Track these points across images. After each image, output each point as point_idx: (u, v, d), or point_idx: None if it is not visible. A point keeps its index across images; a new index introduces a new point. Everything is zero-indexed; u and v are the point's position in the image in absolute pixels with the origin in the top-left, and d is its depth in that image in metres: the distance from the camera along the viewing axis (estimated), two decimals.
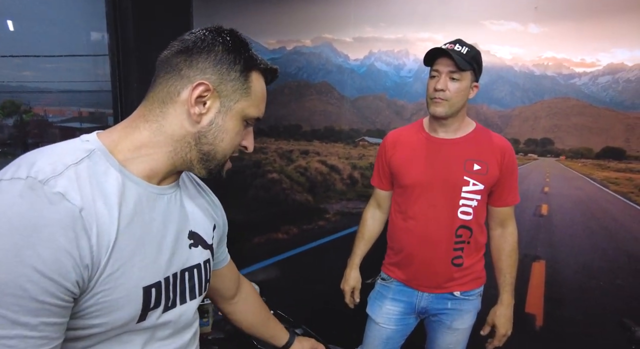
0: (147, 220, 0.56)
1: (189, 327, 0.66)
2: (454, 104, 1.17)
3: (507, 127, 1.80)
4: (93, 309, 0.49)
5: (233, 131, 0.61)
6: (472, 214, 1.19)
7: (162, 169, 0.60)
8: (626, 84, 1.59)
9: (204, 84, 0.57)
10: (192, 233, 0.65)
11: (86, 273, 0.46)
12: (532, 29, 1.68)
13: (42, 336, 0.43)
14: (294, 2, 2.04)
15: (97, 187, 0.50)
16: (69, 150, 0.52)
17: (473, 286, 1.27)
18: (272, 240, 2.32)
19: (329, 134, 2.10)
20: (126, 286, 0.51)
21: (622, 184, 1.66)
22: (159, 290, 0.56)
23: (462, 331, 1.30)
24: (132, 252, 0.52)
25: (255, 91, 0.62)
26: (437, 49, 1.16)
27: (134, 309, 0.53)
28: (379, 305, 1.35)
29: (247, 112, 0.62)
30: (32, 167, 0.46)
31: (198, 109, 0.58)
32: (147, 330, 0.57)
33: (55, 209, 0.44)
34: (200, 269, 0.66)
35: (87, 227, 0.46)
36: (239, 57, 0.59)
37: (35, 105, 1.99)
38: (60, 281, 0.43)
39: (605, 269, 1.71)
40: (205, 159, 0.61)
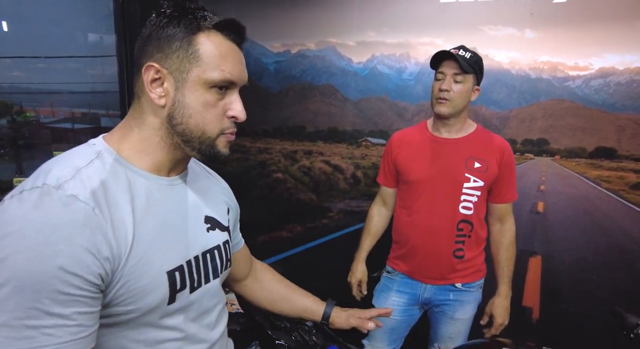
0: (162, 210, 0.60)
1: (217, 302, 0.71)
2: (457, 104, 1.24)
3: (505, 128, 1.87)
4: (125, 296, 0.53)
5: (197, 102, 0.58)
6: (472, 209, 1.26)
7: (164, 160, 0.61)
8: (617, 87, 1.67)
9: (151, 65, 0.56)
10: (207, 218, 0.69)
11: (108, 266, 0.50)
12: (528, 34, 1.76)
13: (77, 324, 0.48)
14: (299, 7, 2.10)
15: (108, 186, 0.54)
16: (79, 155, 0.56)
17: (474, 279, 1.34)
18: (276, 238, 2.38)
19: (333, 135, 2.17)
20: (151, 272, 0.55)
21: (614, 182, 1.74)
22: (183, 273, 0.60)
23: (464, 321, 1.37)
24: (152, 242, 0.56)
25: (207, 52, 0.57)
26: (443, 52, 1.23)
27: (162, 292, 0.57)
28: (384, 297, 1.42)
29: (207, 77, 0.57)
30: (48, 175, 0.51)
31: (158, 92, 0.57)
32: (179, 311, 0.62)
33: (69, 210, 0.48)
34: (220, 250, 0.70)
35: (101, 223, 0.50)
36: (177, 25, 0.56)
37: (29, 106, 2.00)
38: (82, 275, 0.48)
39: (598, 263, 1.79)
40: (187, 139, 0.60)
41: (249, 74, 1.76)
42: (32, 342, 0.45)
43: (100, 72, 2.30)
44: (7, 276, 0.45)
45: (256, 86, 2.28)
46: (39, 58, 2.01)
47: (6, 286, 0.44)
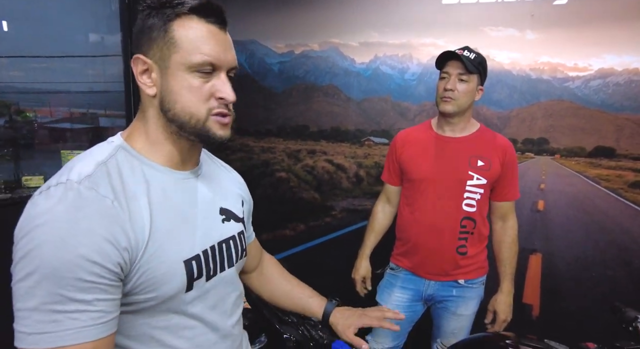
0: (178, 203, 0.62)
1: (232, 291, 0.74)
2: (462, 103, 1.27)
3: (506, 127, 1.90)
4: (145, 285, 0.56)
5: (180, 87, 0.58)
6: (475, 207, 1.29)
7: (173, 152, 0.63)
8: (616, 88, 1.70)
9: (137, 57, 0.59)
10: (222, 209, 0.71)
11: (127, 255, 0.53)
12: (528, 35, 1.79)
13: (98, 310, 0.50)
14: (303, 7, 2.13)
15: (126, 180, 0.57)
16: (99, 151, 0.59)
17: (476, 275, 1.37)
18: (280, 237, 2.40)
19: (336, 135, 2.20)
20: (168, 262, 0.58)
21: (613, 180, 1.77)
22: (199, 262, 0.63)
23: (466, 317, 1.40)
24: (168, 233, 0.58)
25: (183, 37, 0.58)
26: (448, 52, 1.26)
27: (179, 280, 0.59)
28: (388, 293, 1.45)
29: (187, 62, 0.58)
30: (71, 171, 0.54)
31: (147, 83, 0.60)
32: (197, 299, 0.64)
33: (89, 203, 0.51)
34: (235, 240, 0.72)
35: (120, 215, 0.53)
36: (155, 16, 0.58)
37: (27, 106, 2.00)
38: (102, 263, 0.50)
39: (597, 260, 1.82)
40: (179, 125, 0.60)
41: (253, 74, 1.82)
42: (59, 325, 0.48)
43: (102, 72, 2.32)
44: (36, 265, 0.48)
45: (260, 86, 2.30)
46: (39, 58, 2.02)
47: (35, 274, 0.48)
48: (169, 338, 0.61)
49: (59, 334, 0.48)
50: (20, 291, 0.49)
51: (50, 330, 0.48)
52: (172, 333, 0.62)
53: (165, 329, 0.61)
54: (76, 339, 0.49)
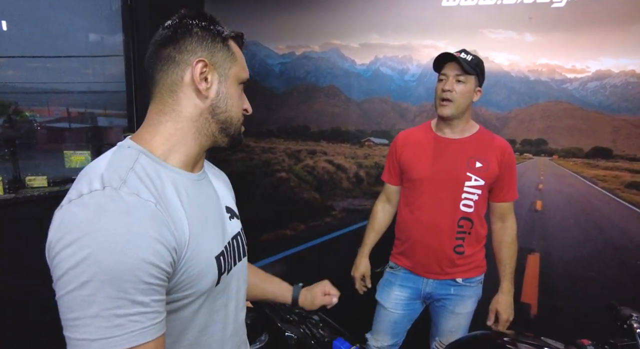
0: (199, 203, 0.65)
1: (244, 283, 0.78)
2: (460, 105, 1.29)
3: (505, 128, 1.93)
4: (185, 282, 0.58)
5: (236, 94, 0.68)
6: (473, 207, 1.31)
7: (193, 154, 0.66)
8: (613, 89, 1.72)
9: (201, 60, 0.63)
10: (227, 208, 0.76)
11: (175, 254, 0.55)
12: (527, 37, 1.81)
13: (154, 311, 0.52)
14: (304, 9, 2.15)
15: (157, 184, 0.58)
16: (120, 158, 0.59)
17: (474, 274, 1.39)
18: (281, 236, 2.42)
19: (336, 135, 2.22)
20: (204, 259, 0.61)
21: (610, 181, 1.79)
22: (225, 257, 0.67)
23: (464, 315, 1.42)
24: (201, 231, 0.61)
25: (238, 55, 0.69)
26: (445, 54, 1.29)
27: (212, 276, 0.63)
28: (387, 291, 1.47)
29: (240, 75, 0.69)
30: (102, 179, 0.54)
31: (204, 84, 0.64)
32: (222, 292, 0.68)
33: (136, 208, 0.52)
34: (241, 235, 0.78)
35: (164, 217, 0.55)
36: (215, 30, 0.66)
37: (25, 106, 1.99)
38: (158, 264, 0.52)
39: (595, 260, 1.84)
40: (225, 127, 0.68)
41: (254, 75, 1.87)
42: (123, 329, 0.49)
43: (101, 72, 2.33)
44: (93, 272, 0.48)
45: (261, 87, 2.32)
46: (38, 58, 2.03)
47: (93, 281, 0.48)
48: (198, 335, 0.64)
49: (124, 337, 0.49)
50: (77, 300, 0.49)
51: (115, 334, 0.49)
52: (201, 330, 0.65)
53: (196, 327, 0.64)
54: (139, 339, 0.50)
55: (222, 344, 0.70)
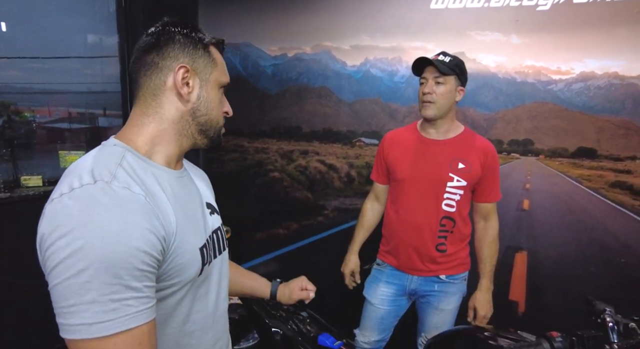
0: (182, 198, 0.68)
1: (225, 275, 0.82)
2: (441, 105, 1.33)
3: (492, 129, 1.96)
4: (172, 271, 0.62)
5: (216, 98, 0.72)
6: (455, 207, 1.35)
7: (175, 153, 0.71)
8: (596, 91, 1.76)
9: (183, 66, 0.67)
10: (207, 203, 0.79)
11: (164, 243, 0.59)
12: (513, 39, 1.84)
13: (146, 296, 0.56)
14: (296, 11, 2.18)
15: (143, 179, 0.61)
16: (107, 155, 0.62)
17: (457, 271, 1.43)
18: (273, 235, 2.46)
19: (328, 135, 2.25)
20: (189, 250, 0.65)
21: (594, 180, 1.83)
22: (207, 249, 0.71)
23: (448, 311, 1.45)
24: (185, 224, 0.65)
25: (218, 61, 0.73)
26: (420, 58, 1.32)
27: (196, 266, 0.67)
28: (374, 288, 1.50)
29: (220, 80, 0.73)
30: (93, 173, 0.57)
31: (186, 89, 0.68)
32: (203, 283, 0.71)
33: (128, 200, 0.56)
34: (221, 230, 0.82)
35: (153, 209, 0.58)
36: (196, 37, 0.69)
37: (25, 106, 2.01)
38: (150, 252, 0.56)
39: (580, 258, 1.87)
40: (204, 129, 0.72)
41: (247, 77, 1.93)
42: (118, 313, 0.52)
43: (100, 73, 2.36)
44: (90, 261, 0.51)
45: (254, 88, 2.36)
46: (37, 58, 2.06)
47: (89, 269, 0.51)
48: (181, 323, 0.68)
49: (120, 320, 0.52)
50: (73, 288, 0.51)
51: (111, 318, 0.52)
52: (184, 319, 0.68)
53: (179, 315, 0.67)
54: (134, 322, 0.54)
55: (204, 333, 0.74)
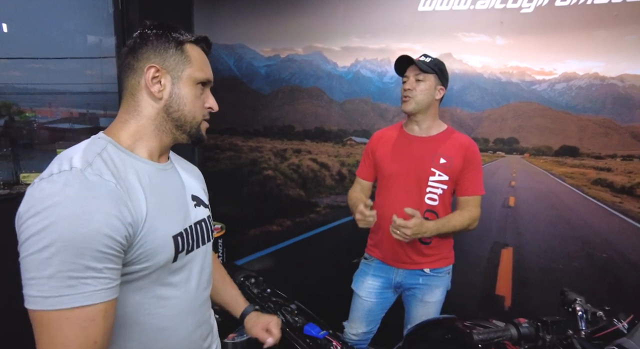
0: (162, 189, 0.73)
1: (207, 265, 0.86)
2: (420, 101, 1.39)
3: (478, 127, 2.02)
4: (142, 256, 0.66)
5: (190, 94, 0.75)
6: (437, 201, 1.40)
7: (156, 147, 0.75)
8: (578, 91, 1.81)
9: (152, 66, 0.72)
10: (193, 196, 0.83)
11: (130, 229, 0.63)
12: (498, 41, 1.90)
13: (106, 277, 0.60)
14: (288, 14, 2.24)
15: (120, 169, 0.66)
16: (91, 146, 0.68)
17: (441, 265, 1.48)
18: (267, 232, 2.51)
19: (319, 134, 2.30)
20: (160, 236, 0.69)
21: (577, 178, 1.88)
22: (183, 238, 0.74)
23: (433, 304, 1.50)
24: (158, 212, 0.69)
25: (195, 58, 0.75)
26: (402, 57, 1.38)
27: (169, 252, 0.70)
28: (362, 281, 1.55)
29: (195, 76, 0.75)
30: (72, 161, 0.62)
31: (157, 87, 0.72)
32: (179, 270, 0.75)
33: (97, 186, 0.60)
34: (206, 222, 0.85)
35: (122, 196, 0.62)
36: (169, 37, 0.73)
37: (27, 106, 2.04)
38: (113, 236, 0.59)
39: (564, 253, 1.93)
40: (180, 124, 0.76)
41: (241, 77, 2.02)
42: (75, 289, 0.57)
43: (99, 73, 2.40)
44: (53, 239, 0.56)
45: (248, 88, 2.41)
46: (38, 59, 2.11)
47: (52, 247, 0.55)
48: (156, 306, 0.72)
49: (75, 296, 0.57)
50: (35, 262, 0.56)
51: (66, 293, 0.57)
52: (159, 302, 0.73)
53: (154, 298, 0.72)
54: (89, 300, 0.58)
55: (184, 317, 0.77)
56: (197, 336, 0.82)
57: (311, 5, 2.18)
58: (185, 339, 0.78)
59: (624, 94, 1.74)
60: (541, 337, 0.97)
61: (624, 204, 1.80)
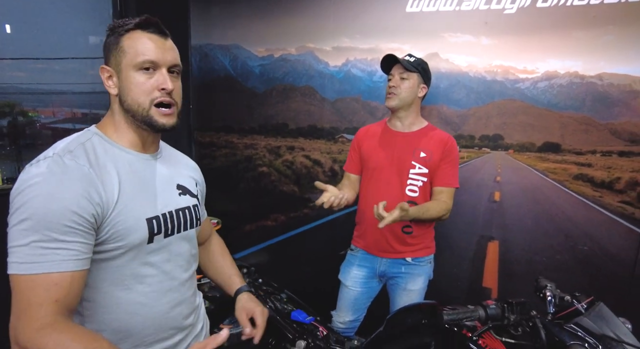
0: (141, 176, 0.81)
1: (187, 249, 0.91)
2: (403, 97, 1.46)
3: (464, 125, 2.08)
4: (115, 235, 0.74)
5: (133, 81, 0.77)
6: (418, 192, 1.47)
7: (136, 138, 0.82)
8: (560, 89, 1.88)
9: (102, 67, 0.81)
10: (179, 185, 0.90)
11: (99, 209, 0.71)
12: (483, 41, 1.97)
13: (75, 249, 0.68)
14: (281, 15, 2.31)
15: (99, 155, 0.76)
16: (79, 136, 0.78)
17: (423, 254, 1.55)
18: (262, 227, 2.58)
19: (312, 132, 2.38)
20: (133, 218, 0.76)
21: (559, 173, 1.94)
22: (159, 221, 0.81)
23: (415, 292, 1.57)
24: (134, 196, 0.77)
25: (130, 45, 0.77)
26: (388, 56, 1.46)
27: (142, 233, 0.77)
28: (348, 271, 1.63)
29: (132, 62, 0.76)
30: (57, 148, 0.73)
31: (111, 85, 0.80)
32: (157, 251, 0.81)
33: (71, 169, 0.70)
34: (190, 210, 0.91)
35: (93, 179, 0.71)
36: (111, 35, 0.79)
37: (30, 106, 2.12)
38: (80, 213, 0.68)
39: (547, 246, 1.99)
40: (132, 113, 0.79)
41: (236, 76, 2.09)
42: (45, 258, 0.66)
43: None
44: (29, 213, 0.66)
45: (243, 87, 2.49)
46: (41, 59, 2.18)
47: (28, 220, 0.66)
48: (133, 282, 0.80)
49: (44, 264, 0.66)
50: (15, 234, 0.66)
51: (37, 261, 0.66)
52: (136, 279, 0.80)
53: (132, 276, 0.79)
54: (57, 268, 0.67)
55: (160, 295, 0.84)
56: (176, 314, 0.88)
57: (303, 6, 2.26)
58: (162, 316, 0.85)
59: (603, 92, 1.80)
60: (506, 317, 1.04)
61: (603, 198, 1.87)
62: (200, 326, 1.00)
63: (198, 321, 0.98)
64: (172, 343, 0.88)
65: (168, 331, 0.86)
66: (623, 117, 1.79)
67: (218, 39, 2.46)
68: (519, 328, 1.08)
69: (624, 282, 1.84)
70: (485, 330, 1.06)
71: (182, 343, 0.90)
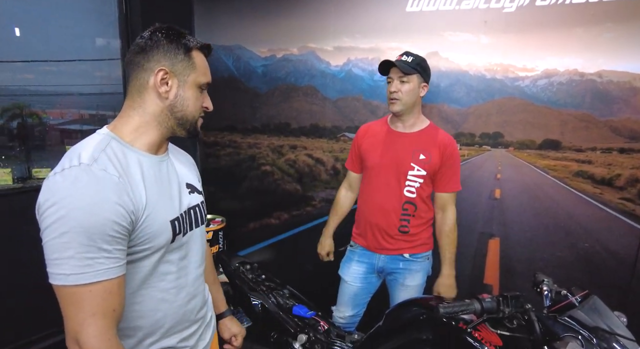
0: (160, 179, 0.82)
1: (200, 246, 0.95)
2: (406, 101, 1.47)
3: (465, 123, 2.10)
4: (144, 238, 0.76)
5: (193, 97, 0.83)
6: (415, 193, 1.49)
7: (156, 141, 0.83)
8: (559, 86, 1.89)
9: (162, 69, 0.79)
10: (188, 184, 0.93)
11: (133, 216, 0.73)
12: (483, 39, 1.98)
13: (116, 257, 0.70)
14: (283, 16, 2.34)
15: (123, 162, 0.75)
16: (96, 142, 0.76)
17: (420, 250, 1.57)
18: (265, 225, 2.62)
19: (314, 131, 2.41)
20: (159, 221, 0.78)
21: (559, 170, 1.95)
22: (180, 222, 0.84)
23: (414, 287, 1.59)
24: (157, 200, 0.79)
25: (199, 64, 0.83)
26: (385, 62, 1.47)
27: (167, 235, 0.80)
28: (347, 266, 1.66)
29: (199, 81, 0.84)
30: (80, 157, 0.71)
31: (164, 88, 0.80)
32: (176, 249, 0.85)
33: (103, 180, 0.70)
34: (200, 207, 0.95)
35: (125, 187, 0.72)
36: (179, 43, 0.80)
37: (38, 108, 2.15)
38: (119, 222, 0.70)
39: (548, 243, 2.00)
40: (181, 122, 0.84)
41: (239, 77, 2.15)
42: (91, 268, 0.68)
43: (108, 75, 2.52)
44: (70, 226, 0.66)
45: (246, 87, 2.52)
46: (49, 62, 2.23)
47: (70, 233, 0.66)
48: (156, 280, 0.83)
49: (92, 273, 0.68)
50: (57, 246, 0.67)
51: (85, 271, 0.68)
52: (159, 277, 0.84)
53: (154, 274, 0.83)
54: (104, 276, 0.70)
55: (179, 290, 0.88)
56: (192, 307, 0.93)
57: (304, 7, 2.29)
58: (180, 309, 0.89)
59: (602, 89, 1.81)
60: (501, 310, 1.06)
61: (604, 195, 1.87)
62: (210, 316, 1.05)
63: (208, 311, 1.03)
64: (187, 334, 0.92)
65: (184, 324, 0.91)
66: (623, 114, 1.80)
67: (221, 40, 2.50)
68: (514, 321, 1.10)
69: (624, 278, 1.85)
70: (481, 322, 1.08)
71: (195, 333, 0.95)
